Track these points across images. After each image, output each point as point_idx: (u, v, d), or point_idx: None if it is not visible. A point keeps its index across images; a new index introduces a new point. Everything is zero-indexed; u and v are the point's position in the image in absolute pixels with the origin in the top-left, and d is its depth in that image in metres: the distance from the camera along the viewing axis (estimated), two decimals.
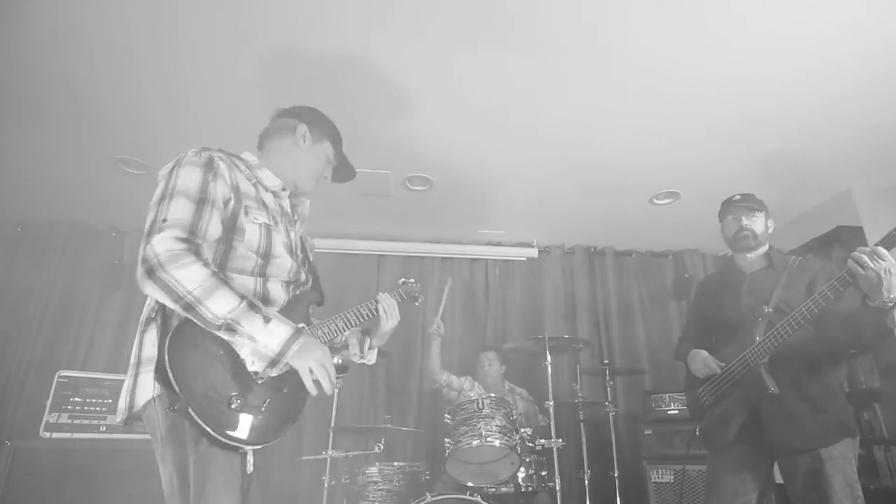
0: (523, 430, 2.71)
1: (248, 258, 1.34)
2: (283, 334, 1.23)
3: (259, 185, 1.45)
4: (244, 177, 1.41)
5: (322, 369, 1.27)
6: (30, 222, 4.00)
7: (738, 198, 2.23)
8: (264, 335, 1.20)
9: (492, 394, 2.85)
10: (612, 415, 3.35)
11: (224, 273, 1.30)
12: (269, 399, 1.26)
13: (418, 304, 1.97)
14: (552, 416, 2.85)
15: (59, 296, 3.86)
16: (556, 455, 2.75)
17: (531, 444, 2.74)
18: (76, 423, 2.89)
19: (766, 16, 2.19)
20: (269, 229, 1.39)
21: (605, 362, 3.69)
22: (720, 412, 2.03)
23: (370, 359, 1.79)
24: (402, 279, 1.96)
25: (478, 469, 2.60)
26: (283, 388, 1.31)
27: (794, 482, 1.87)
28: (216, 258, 1.31)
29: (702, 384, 2.12)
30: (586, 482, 3.02)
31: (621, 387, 4.10)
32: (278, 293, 1.40)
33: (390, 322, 1.71)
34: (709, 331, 2.23)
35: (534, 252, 4.42)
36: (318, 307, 1.62)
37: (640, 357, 4.25)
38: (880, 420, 3.13)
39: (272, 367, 1.24)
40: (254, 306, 1.21)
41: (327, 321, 1.55)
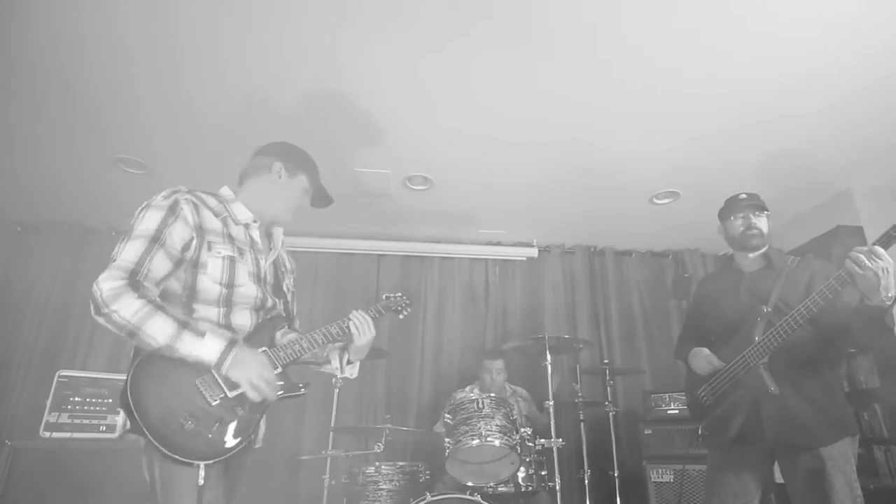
0: (523, 429, 2.71)
1: (212, 289, 1.48)
2: (218, 347, 1.37)
3: (229, 220, 1.59)
4: (212, 214, 1.54)
5: (260, 380, 1.41)
6: (29, 222, 4.00)
7: (744, 196, 2.21)
8: (200, 350, 1.35)
9: (492, 394, 2.84)
10: (612, 414, 3.35)
11: (191, 304, 1.46)
12: (221, 418, 1.40)
13: (402, 318, 1.99)
14: (552, 415, 2.85)
15: (58, 295, 3.86)
16: (556, 455, 2.75)
17: (531, 444, 2.74)
18: (76, 422, 2.89)
19: (765, 16, 2.19)
20: (232, 261, 1.52)
21: (605, 362, 3.69)
22: (720, 411, 2.03)
23: (351, 373, 1.85)
24: (387, 294, 1.99)
25: (478, 469, 2.60)
26: (238, 409, 1.43)
27: (794, 482, 1.87)
28: (184, 291, 1.46)
29: (702, 384, 2.12)
30: (586, 482, 3.02)
31: (621, 386, 4.11)
32: (243, 320, 1.55)
33: (363, 338, 1.74)
34: (708, 330, 2.23)
35: (534, 252, 4.42)
36: (290, 328, 1.75)
37: (640, 357, 4.25)
38: (880, 420, 3.13)
39: (217, 375, 1.39)
40: (187, 325, 1.35)
41: (294, 341, 1.61)
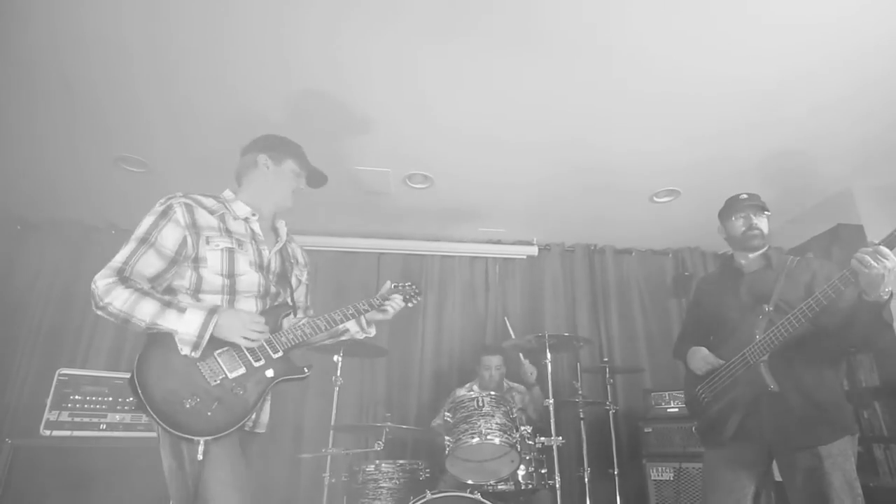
0: (523, 427, 2.71)
1: (214, 280, 1.60)
2: (198, 318, 1.47)
3: (227, 216, 1.70)
4: (206, 212, 1.66)
5: (249, 331, 1.53)
6: (29, 221, 4.00)
7: (745, 196, 2.20)
8: (181, 324, 1.45)
9: (492, 391, 2.85)
10: (612, 413, 3.35)
11: (197, 296, 1.58)
12: (220, 398, 1.49)
13: (411, 307, 2.01)
14: (552, 413, 2.86)
15: (58, 294, 3.86)
16: (556, 453, 2.75)
17: (531, 442, 2.74)
18: (76, 420, 2.89)
19: (765, 15, 2.19)
20: (231, 252, 1.63)
21: (605, 360, 3.70)
22: (718, 409, 2.03)
23: (371, 332, 1.99)
24: (395, 283, 1.99)
25: (478, 467, 2.60)
26: (238, 389, 1.52)
27: (792, 480, 1.87)
28: (190, 286, 1.58)
29: (700, 382, 2.12)
30: (586, 480, 3.02)
31: (621, 385, 4.11)
32: (249, 305, 1.65)
33: (389, 317, 1.89)
34: (708, 329, 2.23)
35: (534, 250, 4.42)
36: (288, 317, 1.78)
37: (640, 355, 4.25)
38: (880, 418, 3.14)
39: (197, 350, 1.46)
40: (171, 304, 1.47)
41: (297, 326, 1.68)
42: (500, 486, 2.68)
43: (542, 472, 2.81)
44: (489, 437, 2.50)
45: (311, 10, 2.18)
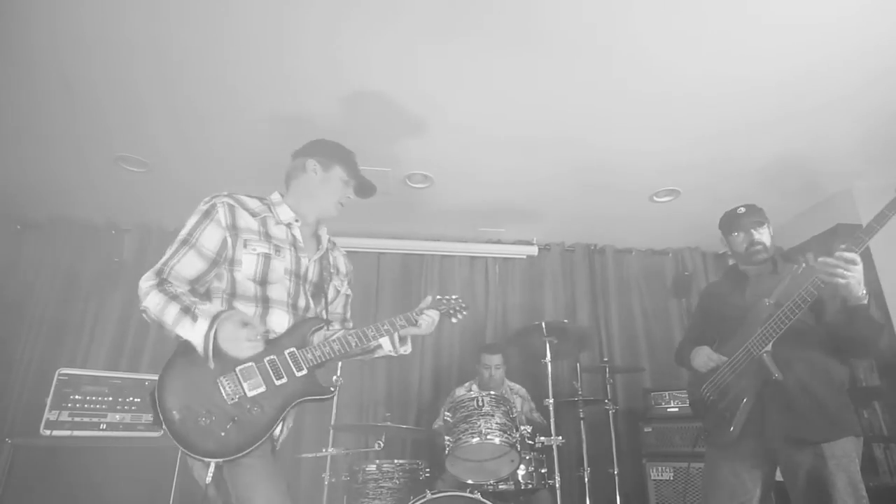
0: (523, 427, 2.71)
1: (247, 285, 1.55)
2: (203, 327, 1.39)
3: (269, 220, 1.65)
4: (248, 214, 1.61)
5: (247, 343, 1.43)
6: (30, 220, 4.00)
7: (742, 211, 2.18)
8: (194, 334, 1.39)
9: (491, 391, 2.85)
10: (611, 412, 3.35)
11: (232, 301, 1.54)
12: (236, 417, 1.41)
13: (455, 322, 1.89)
14: (552, 413, 2.86)
15: (59, 293, 3.86)
16: (555, 452, 2.76)
17: (531, 442, 2.74)
18: (76, 420, 2.89)
19: (764, 15, 2.19)
20: (267, 258, 1.57)
21: (605, 360, 3.70)
22: (724, 406, 2.02)
23: (405, 350, 1.90)
24: (440, 296, 1.88)
25: (478, 466, 2.61)
26: (254, 409, 1.44)
27: (795, 480, 1.85)
28: (226, 288, 1.55)
29: (704, 382, 2.12)
30: (586, 480, 3.03)
31: (621, 384, 4.11)
32: (280, 320, 1.58)
33: (424, 332, 1.81)
34: (712, 332, 2.21)
35: (534, 250, 4.42)
36: (321, 330, 1.70)
37: (640, 355, 4.25)
38: (880, 418, 3.14)
39: (210, 363, 1.39)
40: (188, 311, 1.41)
41: (325, 343, 1.58)
42: (500, 486, 2.69)
43: (542, 471, 2.81)
44: (489, 436, 2.50)
45: (312, 11, 2.18)
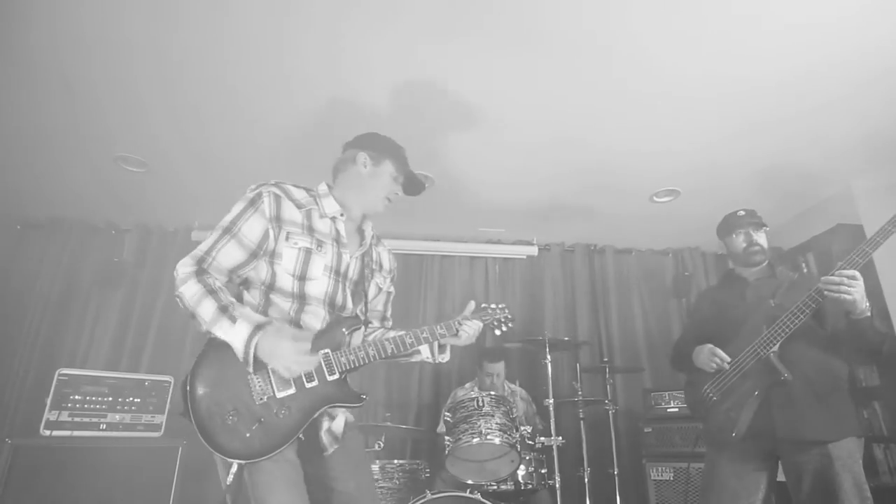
0: (523, 427, 2.71)
1: (286, 281, 1.50)
2: (244, 333, 1.35)
3: (314, 212, 1.59)
4: (293, 206, 1.55)
5: (294, 365, 1.38)
6: (29, 220, 4.00)
7: (742, 213, 2.22)
8: (232, 336, 1.35)
9: (492, 392, 2.85)
10: (611, 413, 3.35)
11: (269, 294, 1.50)
12: (262, 419, 1.37)
13: (499, 334, 1.77)
14: (552, 413, 2.86)
15: (58, 293, 3.86)
16: (555, 453, 2.76)
17: (531, 442, 2.74)
18: (76, 420, 2.89)
19: (764, 15, 2.19)
20: (308, 252, 1.52)
21: (605, 360, 3.70)
22: (728, 406, 1.98)
23: (443, 358, 1.78)
24: (485, 304, 1.76)
25: (478, 467, 2.61)
26: (282, 411, 1.39)
27: (800, 481, 1.85)
28: (265, 281, 1.50)
29: (705, 382, 2.07)
30: (586, 480, 3.03)
31: (621, 385, 4.11)
32: (315, 319, 1.53)
33: (464, 343, 1.70)
34: (710, 334, 2.17)
35: (534, 250, 4.42)
36: (359, 331, 1.66)
37: (640, 355, 4.25)
38: (880, 418, 3.14)
39: (248, 366, 1.35)
40: (226, 310, 1.36)
41: (360, 348, 1.53)
42: (500, 486, 2.69)
43: (542, 471, 2.81)
44: (489, 437, 2.50)
45: (312, 11, 2.18)
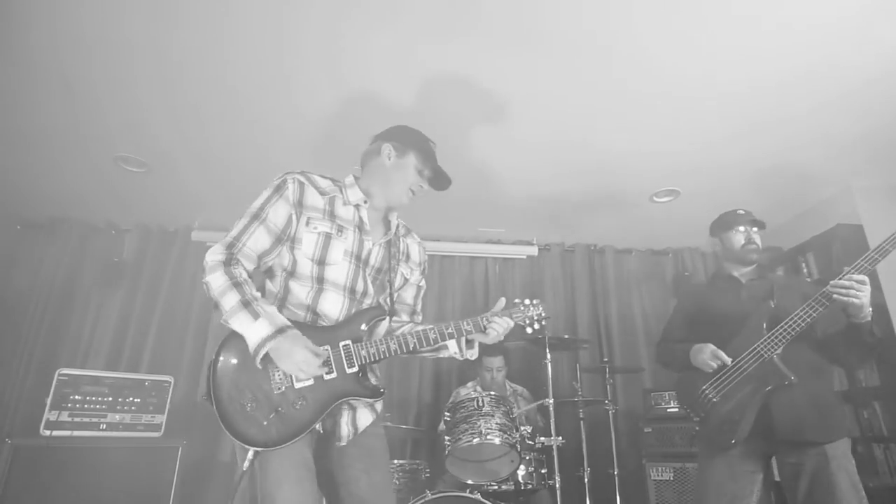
0: (523, 427, 2.71)
1: (305, 266, 1.51)
2: (263, 332, 1.34)
3: (337, 200, 1.60)
4: (317, 193, 1.56)
5: (300, 372, 1.38)
6: (29, 220, 4.00)
7: (742, 212, 2.23)
8: (248, 331, 1.35)
9: (492, 391, 2.85)
10: (611, 413, 3.35)
11: (288, 281, 1.51)
12: (280, 408, 1.37)
13: (530, 332, 1.71)
14: (552, 413, 2.86)
15: (58, 293, 3.86)
16: (555, 453, 2.75)
17: (531, 442, 2.74)
18: (76, 420, 2.88)
19: (763, 16, 2.19)
20: (328, 237, 1.52)
21: (605, 360, 3.70)
22: (729, 409, 1.95)
23: (472, 355, 1.78)
24: (518, 299, 1.72)
25: (478, 467, 2.61)
26: (299, 402, 1.40)
27: (796, 482, 1.85)
28: (287, 267, 1.52)
29: (702, 382, 2.04)
30: (586, 480, 3.02)
31: (621, 385, 4.11)
32: (332, 304, 1.52)
33: (492, 342, 1.67)
34: (703, 334, 2.14)
35: (534, 250, 4.42)
36: (384, 320, 1.66)
37: (640, 355, 4.25)
38: (880, 418, 3.14)
39: (255, 361, 1.35)
40: (248, 304, 1.36)
41: (381, 341, 1.52)
42: (500, 487, 2.68)
43: (542, 472, 2.81)
44: (489, 437, 2.50)
45: (312, 12, 2.18)
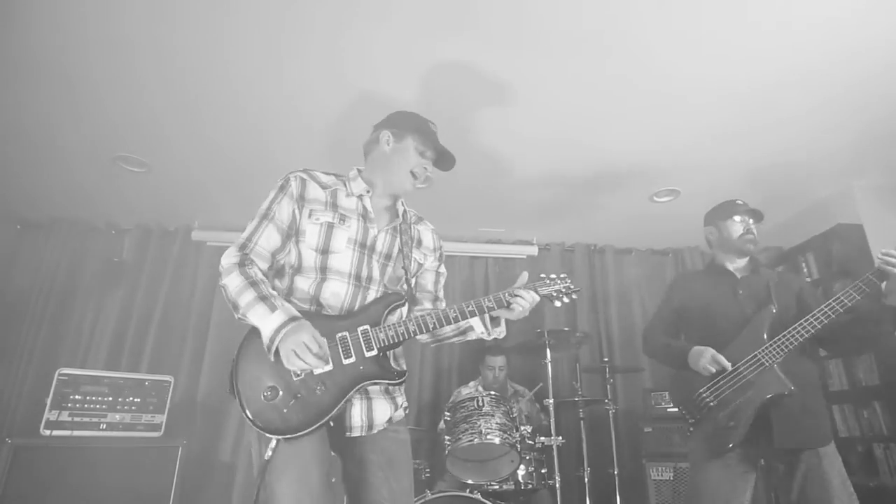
0: (523, 427, 2.71)
1: (309, 257, 1.51)
2: (276, 322, 1.33)
3: (339, 192, 1.60)
4: (318, 186, 1.58)
5: (303, 350, 1.31)
6: (29, 220, 4.00)
7: (741, 202, 2.22)
8: (263, 323, 1.35)
9: (492, 391, 2.85)
10: (611, 412, 3.35)
11: (294, 276, 1.52)
12: (299, 394, 1.36)
13: (560, 306, 1.71)
14: (552, 413, 2.86)
15: (58, 293, 3.86)
16: (556, 452, 2.76)
17: (531, 442, 2.74)
18: (76, 420, 2.89)
19: (763, 14, 2.19)
20: (330, 227, 1.53)
21: (605, 360, 3.70)
22: (725, 414, 1.94)
23: (500, 333, 1.73)
24: (544, 274, 1.73)
25: (478, 466, 2.61)
26: (319, 387, 1.38)
27: (790, 482, 1.87)
28: (293, 262, 1.53)
29: (700, 385, 2.02)
30: (586, 480, 3.03)
31: (621, 384, 4.11)
32: (336, 290, 1.51)
33: (517, 317, 1.63)
34: (700, 331, 2.14)
35: (534, 250, 4.42)
36: (401, 307, 1.61)
37: (640, 355, 4.19)
38: (880, 417, 3.14)
39: (269, 353, 1.34)
40: (266, 299, 1.37)
41: (399, 323, 1.50)
42: (500, 486, 2.68)
43: (542, 471, 2.81)
44: (489, 436, 2.50)
45: (314, 12, 2.18)
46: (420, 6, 2.16)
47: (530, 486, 2.75)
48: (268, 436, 1.33)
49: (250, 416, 1.34)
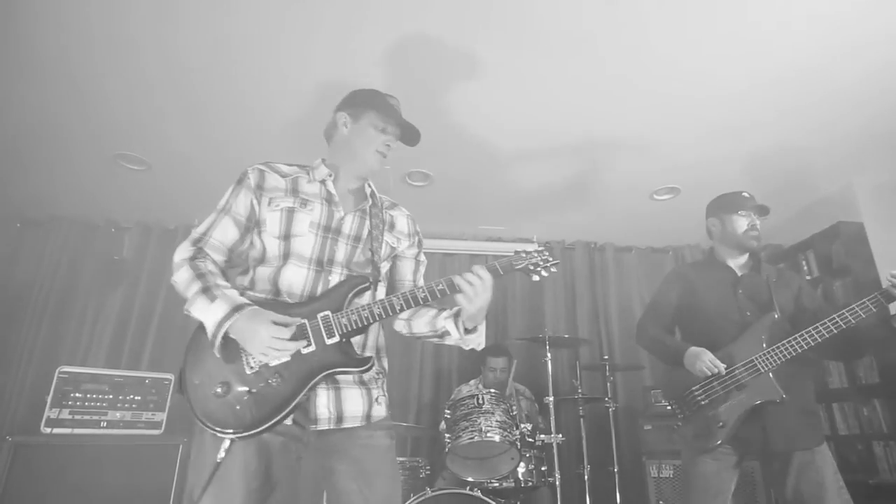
0: (523, 425, 2.71)
1: (272, 244, 1.47)
2: (218, 314, 1.28)
3: (300, 179, 1.56)
4: (278, 176, 1.54)
5: (271, 350, 1.27)
6: (30, 218, 4.00)
7: (747, 195, 2.14)
8: (205, 316, 1.30)
9: (492, 389, 2.85)
10: (611, 410, 3.35)
11: (257, 266, 1.47)
12: (253, 389, 1.28)
13: (538, 280, 1.62)
14: (552, 411, 2.86)
15: (59, 291, 3.86)
16: (556, 450, 2.76)
17: (531, 440, 2.74)
18: (77, 418, 2.89)
19: (764, 11, 2.18)
20: (291, 212, 1.48)
21: (605, 358, 3.70)
22: (714, 414, 1.95)
23: (478, 342, 1.59)
24: (518, 249, 1.66)
25: (478, 464, 2.61)
26: (274, 379, 1.30)
27: (784, 480, 1.88)
28: (258, 255, 1.48)
29: (693, 383, 2.01)
30: (586, 477, 3.03)
31: (621, 382, 4.11)
32: (295, 277, 1.43)
33: (473, 302, 1.43)
34: (691, 324, 2.14)
35: (533, 248, 4.40)
36: (367, 291, 1.49)
37: (640, 353, 4.22)
38: (880, 415, 3.14)
39: (213, 348, 1.28)
40: (207, 290, 1.32)
41: (363, 307, 1.39)
42: (500, 484, 2.69)
43: (542, 469, 2.81)
44: (489, 434, 2.50)
45: (316, 12, 2.18)
46: (422, 8, 2.16)
47: (530, 483, 2.75)
48: (220, 436, 1.24)
49: (200, 417, 1.26)
